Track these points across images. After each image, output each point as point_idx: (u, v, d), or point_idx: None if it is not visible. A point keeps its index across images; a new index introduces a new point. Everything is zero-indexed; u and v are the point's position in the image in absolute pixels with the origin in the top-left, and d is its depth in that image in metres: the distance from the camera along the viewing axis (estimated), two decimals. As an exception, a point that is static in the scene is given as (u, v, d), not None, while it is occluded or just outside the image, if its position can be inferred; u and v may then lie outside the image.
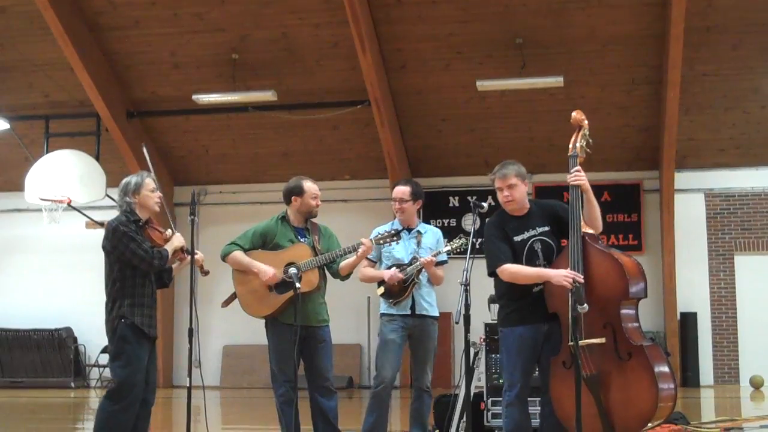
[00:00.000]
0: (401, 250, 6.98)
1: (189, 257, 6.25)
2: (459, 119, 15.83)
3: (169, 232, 6.22)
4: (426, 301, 6.96)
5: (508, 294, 5.89)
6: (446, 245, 7.00)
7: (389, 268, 6.95)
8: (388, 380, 6.80)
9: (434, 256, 6.85)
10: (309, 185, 6.74)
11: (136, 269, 5.97)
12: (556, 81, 13.95)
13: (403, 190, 7.03)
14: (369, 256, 6.89)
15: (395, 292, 6.88)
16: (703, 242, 16.01)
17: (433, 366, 7.05)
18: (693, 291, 15.79)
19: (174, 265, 6.34)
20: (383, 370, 6.82)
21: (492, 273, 5.83)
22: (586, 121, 5.95)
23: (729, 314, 15.84)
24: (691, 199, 15.99)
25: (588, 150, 5.93)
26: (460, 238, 6.97)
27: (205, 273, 6.34)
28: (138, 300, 5.98)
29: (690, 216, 15.89)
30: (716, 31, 13.91)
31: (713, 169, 16.09)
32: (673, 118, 14.37)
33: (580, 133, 5.94)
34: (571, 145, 5.91)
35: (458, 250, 6.93)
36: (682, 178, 15.73)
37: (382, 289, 6.95)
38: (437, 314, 7.05)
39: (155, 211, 6.21)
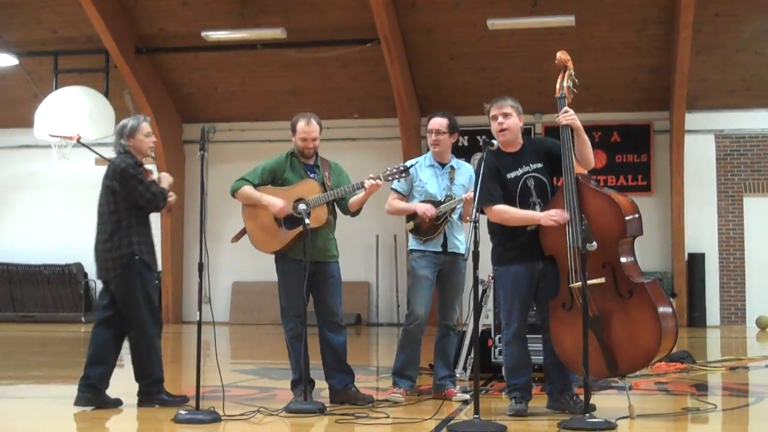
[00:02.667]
0: (434, 186, 6.71)
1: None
2: (469, 58, 15.70)
3: (155, 173, 6.55)
4: (457, 239, 6.76)
5: (501, 233, 5.90)
6: None
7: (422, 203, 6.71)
8: (422, 317, 6.68)
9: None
10: (301, 125, 6.61)
11: (141, 209, 6.34)
12: (567, 20, 13.80)
13: (440, 122, 6.74)
14: (399, 189, 6.75)
15: (426, 228, 6.67)
16: (713, 183, 15.95)
17: (461, 302, 6.94)
18: (701, 232, 15.79)
19: None
20: (417, 307, 6.68)
21: (481, 210, 5.80)
22: (570, 62, 5.96)
23: (737, 255, 15.86)
24: (701, 141, 15.89)
25: (575, 90, 5.92)
26: None
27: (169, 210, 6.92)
28: (143, 238, 6.38)
29: (700, 157, 15.81)
30: (730, -30, 13.75)
31: (724, 110, 15.97)
32: (685, 58, 14.23)
33: (566, 74, 5.94)
34: (558, 87, 5.92)
35: None
36: (693, 119, 15.61)
37: (411, 224, 6.72)
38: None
39: (148, 155, 6.54)
